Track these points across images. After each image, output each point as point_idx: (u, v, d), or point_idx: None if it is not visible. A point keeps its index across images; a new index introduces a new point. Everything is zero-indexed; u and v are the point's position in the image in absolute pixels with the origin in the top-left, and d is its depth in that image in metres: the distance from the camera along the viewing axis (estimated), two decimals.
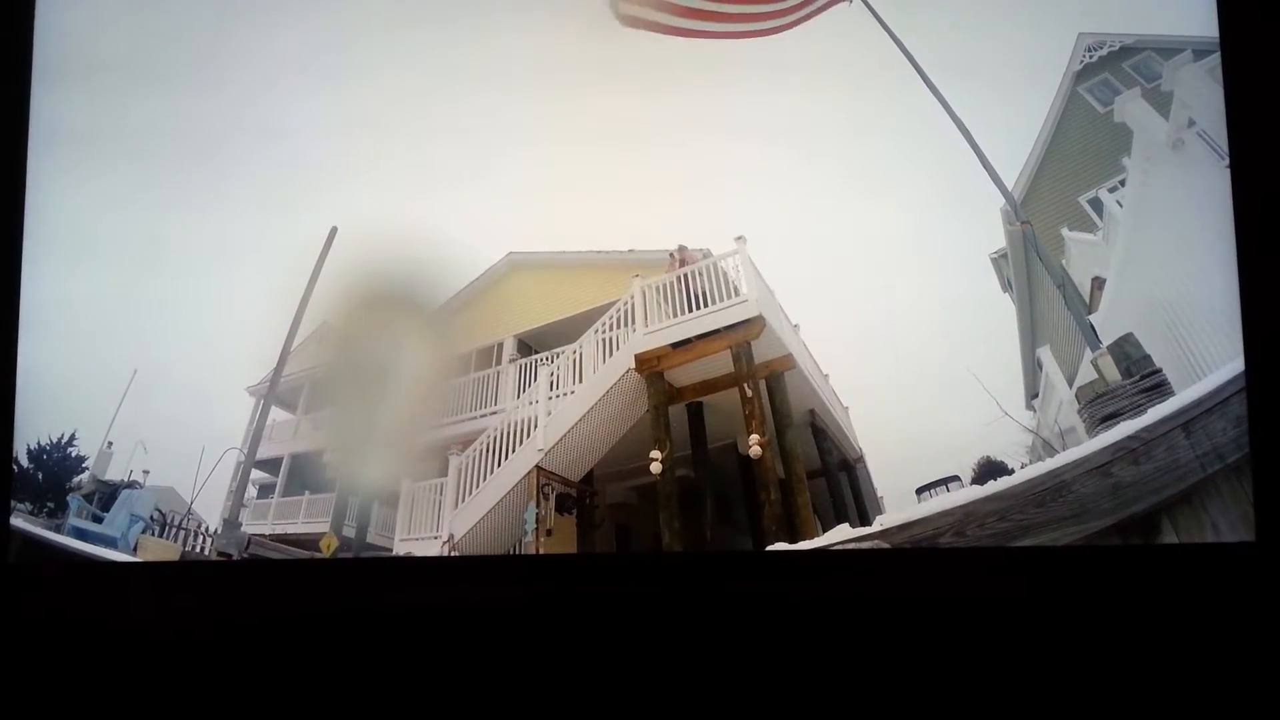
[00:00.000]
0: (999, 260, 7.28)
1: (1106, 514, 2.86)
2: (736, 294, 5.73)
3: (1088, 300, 5.99)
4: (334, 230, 5.58)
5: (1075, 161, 6.77)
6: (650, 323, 5.96)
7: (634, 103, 4.63)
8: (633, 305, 6.07)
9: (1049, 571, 2.82)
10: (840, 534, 2.79)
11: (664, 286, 6.05)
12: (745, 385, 5.39)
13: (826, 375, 6.68)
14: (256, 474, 7.28)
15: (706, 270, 5.91)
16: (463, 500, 6.06)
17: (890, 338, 5.73)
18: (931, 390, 5.48)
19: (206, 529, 5.78)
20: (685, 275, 5.98)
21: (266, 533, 6.45)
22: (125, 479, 5.25)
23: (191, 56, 4.37)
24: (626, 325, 6.08)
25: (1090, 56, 6.98)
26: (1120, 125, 5.45)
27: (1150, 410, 3.11)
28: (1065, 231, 6.52)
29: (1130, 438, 2.95)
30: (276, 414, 7.49)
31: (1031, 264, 6.49)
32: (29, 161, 3.04)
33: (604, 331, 6.18)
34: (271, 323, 5.53)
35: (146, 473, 5.32)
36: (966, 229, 5.97)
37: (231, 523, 4.67)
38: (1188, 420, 2.96)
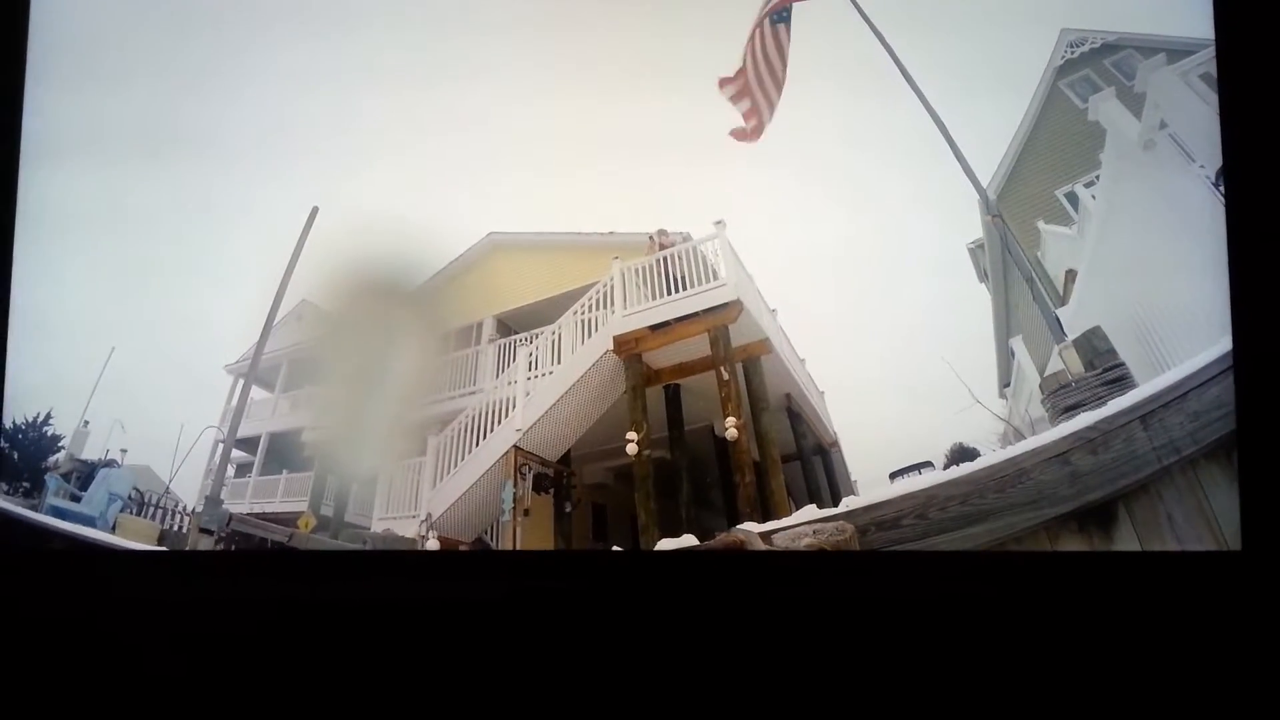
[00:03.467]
0: (976, 250, 7.38)
1: (1065, 501, 2.94)
2: (715, 278, 5.77)
3: (1061, 292, 6.09)
4: (315, 210, 5.57)
5: (1054, 156, 6.85)
6: (629, 305, 5.99)
7: (622, 98, 4.66)
8: (612, 287, 6.09)
9: (1039, 577, 2.82)
10: (807, 514, 2.85)
11: (643, 269, 6.08)
12: (722, 368, 5.42)
13: (803, 360, 6.75)
14: (235, 453, 7.28)
15: (686, 254, 5.94)
16: (441, 479, 6.09)
17: (869, 325, 5.81)
18: (909, 378, 5.56)
19: (184, 508, 5.77)
20: (665, 258, 6.01)
21: (244, 511, 6.44)
22: (103, 458, 5.24)
23: (180, 50, 4.36)
24: (606, 307, 6.11)
25: (1072, 52, 7.05)
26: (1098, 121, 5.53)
27: (1110, 402, 3.20)
28: (1041, 224, 6.61)
29: (1089, 428, 3.03)
30: (255, 392, 7.46)
31: (1007, 256, 6.58)
32: (21, 147, 3.04)
33: (583, 313, 6.20)
34: (251, 301, 5.52)
35: (124, 451, 5.31)
36: (947, 222, 6.06)
37: (213, 499, 4.69)
38: (1145, 413, 3.03)
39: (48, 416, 4.62)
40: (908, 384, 5.60)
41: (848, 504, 2.88)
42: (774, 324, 6.20)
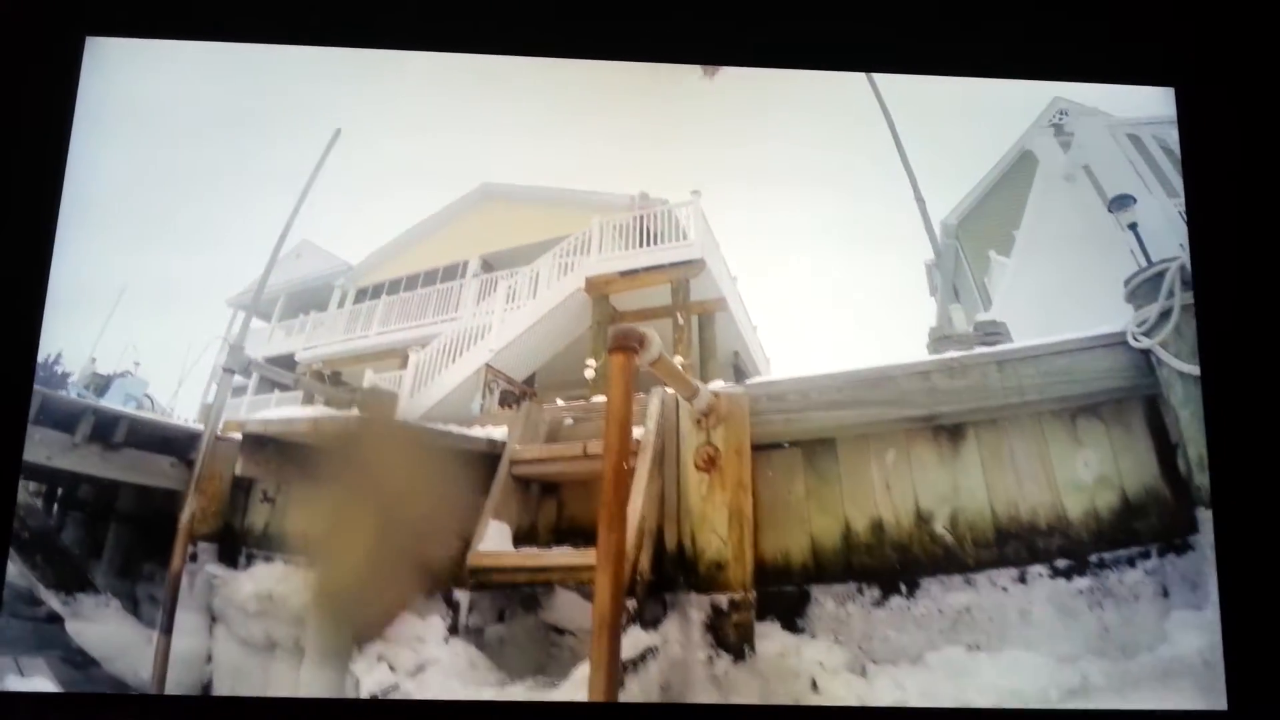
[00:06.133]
0: (931, 268, 8.10)
1: (921, 407, 3.68)
2: (685, 238, 6.44)
3: None
4: (337, 132, 5.98)
5: (1018, 200, 7.59)
6: (604, 252, 6.63)
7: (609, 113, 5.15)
8: (590, 236, 6.72)
9: None
10: (714, 385, 3.59)
11: (621, 225, 6.68)
12: (679, 315, 6.12)
13: (755, 328, 7.41)
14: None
15: (661, 215, 6.57)
16: (418, 391, 6.67)
17: (823, 312, 6.38)
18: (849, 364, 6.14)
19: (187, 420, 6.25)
20: (642, 216, 6.64)
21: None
22: (118, 371, 5.74)
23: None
24: (582, 252, 6.73)
25: (1059, 119, 7.80)
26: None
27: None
28: (992, 254, 7.35)
29: (951, 358, 3.78)
30: (252, 323, 7.91)
31: (958, 270, 7.28)
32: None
33: (561, 256, 6.82)
34: (253, 236, 5.64)
35: (138, 364, 5.79)
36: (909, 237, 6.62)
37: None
38: (1001, 360, 3.79)
39: (58, 357, 5.07)
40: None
41: (748, 382, 3.63)
42: (733, 288, 6.85)
